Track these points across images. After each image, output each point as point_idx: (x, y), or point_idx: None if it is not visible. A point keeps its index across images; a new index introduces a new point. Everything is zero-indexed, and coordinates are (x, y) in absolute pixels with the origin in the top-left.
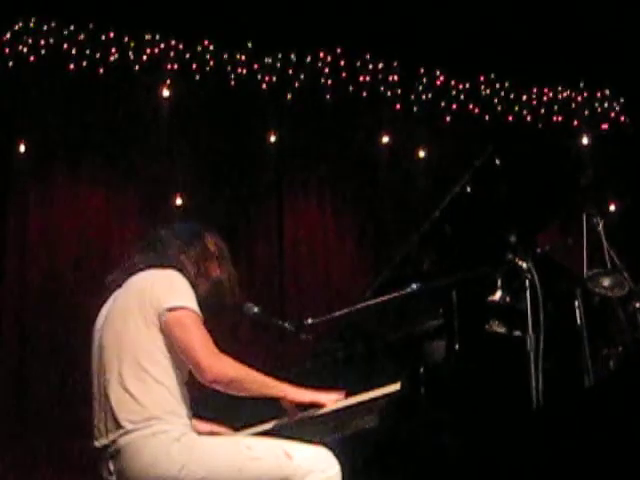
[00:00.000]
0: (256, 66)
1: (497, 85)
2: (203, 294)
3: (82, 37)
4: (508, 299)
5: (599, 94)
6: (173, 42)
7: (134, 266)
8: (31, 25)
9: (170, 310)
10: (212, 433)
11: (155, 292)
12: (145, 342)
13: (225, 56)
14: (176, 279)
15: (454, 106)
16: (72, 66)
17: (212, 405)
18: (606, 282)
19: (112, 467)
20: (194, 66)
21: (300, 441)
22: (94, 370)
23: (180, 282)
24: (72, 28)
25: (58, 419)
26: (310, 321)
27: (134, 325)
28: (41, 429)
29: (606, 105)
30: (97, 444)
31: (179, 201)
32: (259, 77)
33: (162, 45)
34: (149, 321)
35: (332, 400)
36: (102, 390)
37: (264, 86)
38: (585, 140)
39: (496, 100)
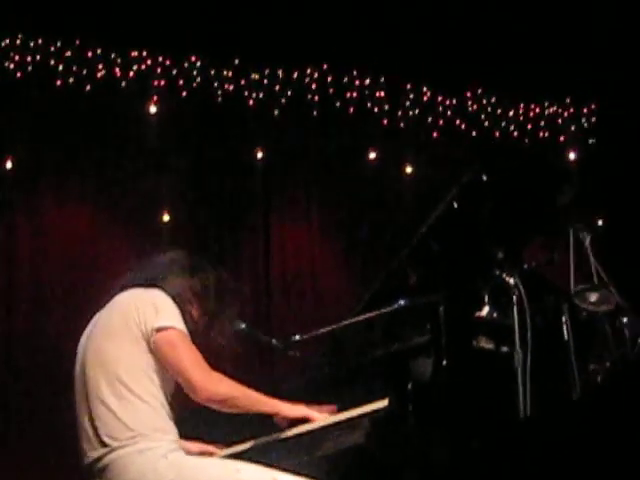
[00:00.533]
0: (243, 82)
1: (484, 101)
2: (197, 326)
3: (69, 53)
4: (495, 315)
5: (585, 109)
6: (160, 58)
7: (120, 285)
8: (18, 42)
9: (158, 330)
10: (202, 453)
11: (141, 312)
12: (128, 361)
13: (212, 72)
14: (159, 298)
15: (441, 122)
16: (59, 82)
17: (199, 422)
18: (593, 297)
19: None
20: (181, 82)
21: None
22: (77, 389)
23: (164, 302)
24: (59, 44)
25: (45, 438)
26: (297, 337)
27: (118, 344)
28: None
29: (593, 120)
30: (85, 461)
31: (166, 217)
32: (246, 93)
33: (149, 61)
34: (133, 341)
35: (324, 417)
36: (85, 408)
37: (251, 102)
38: (572, 155)
39: (483, 116)
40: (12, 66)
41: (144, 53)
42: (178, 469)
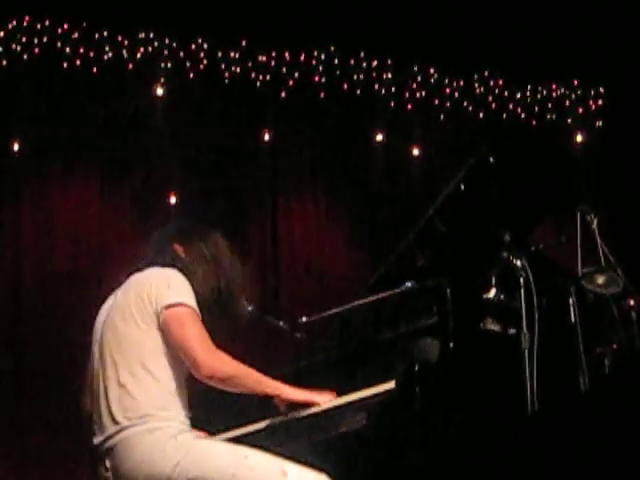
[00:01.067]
0: (250, 64)
1: (491, 83)
2: (204, 294)
3: (76, 36)
4: (502, 297)
5: (593, 92)
6: (167, 40)
7: (136, 265)
8: (24, 24)
9: (167, 307)
10: None
11: (153, 290)
12: (144, 340)
13: (219, 54)
14: (173, 277)
15: (448, 104)
16: (66, 65)
17: (203, 405)
18: (600, 280)
19: (108, 464)
20: (188, 64)
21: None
22: (94, 367)
23: (177, 279)
24: (66, 27)
25: (56, 418)
26: (304, 319)
27: (133, 323)
28: (39, 429)
29: (600, 103)
30: (95, 441)
31: (173, 199)
32: (253, 75)
33: (156, 43)
34: (148, 319)
35: (326, 400)
36: (101, 387)
37: (258, 84)
38: (579, 138)
39: (490, 98)
40: (19, 48)
41: (151, 35)
42: (186, 450)
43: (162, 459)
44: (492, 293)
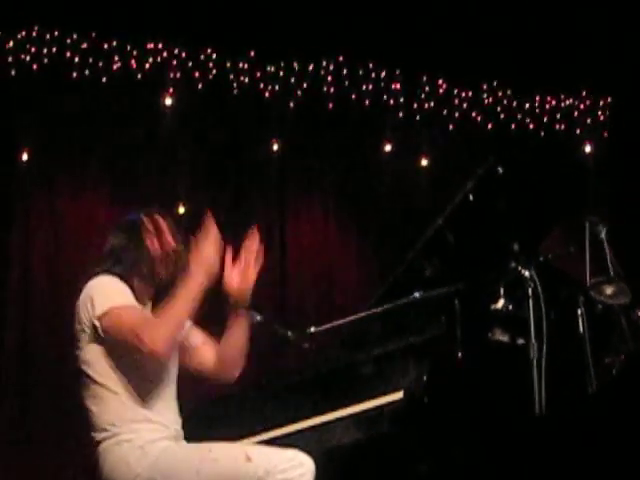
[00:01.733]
0: (259, 74)
1: (500, 93)
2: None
3: (85, 46)
4: (511, 307)
5: (602, 102)
6: (176, 51)
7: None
8: (34, 34)
9: (99, 319)
10: None
11: (83, 311)
12: (91, 356)
13: (228, 64)
14: (95, 287)
15: (457, 114)
16: (75, 74)
17: (201, 420)
18: (609, 290)
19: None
20: (197, 74)
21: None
22: None
23: (98, 287)
24: (75, 37)
25: (62, 422)
26: (313, 329)
27: (79, 350)
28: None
29: (608, 113)
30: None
31: (182, 210)
32: (262, 85)
33: (165, 54)
34: (91, 338)
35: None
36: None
37: (267, 94)
38: (588, 148)
39: (499, 108)
40: (28, 58)
41: (160, 45)
42: (152, 459)
43: (126, 471)
44: (500, 303)
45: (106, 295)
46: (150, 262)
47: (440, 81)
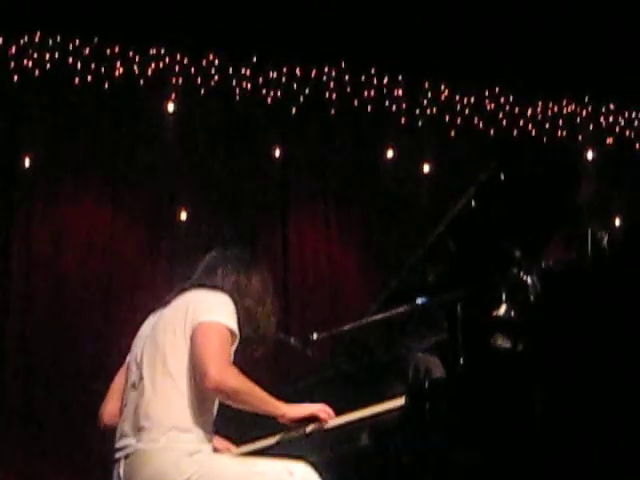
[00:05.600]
0: (261, 80)
1: (502, 99)
2: (243, 324)
3: (87, 51)
4: (513, 314)
5: (604, 108)
6: (178, 56)
7: (185, 286)
8: (36, 39)
9: (201, 323)
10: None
11: (198, 307)
12: (177, 354)
13: (230, 70)
14: (222, 300)
15: (459, 120)
16: (77, 80)
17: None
18: None
19: (122, 471)
20: (199, 80)
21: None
22: (131, 376)
23: (225, 303)
24: (77, 42)
25: (63, 425)
26: (315, 336)
27: (171, 338)
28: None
29: (611, 119)
30: (116, 445)
31: (184, 215)
32: (264, 91)
33: (167, 59)
34: (186, 334)
35: (325, 410)
36: (134, 396)
37: (269, 100)
38: (590, 155)
39: (501, 114)
40: (30, 64)
41: (162, 51)
42: (199, 467)
43: (175, 473)
44: (502, 310)
45: (227, 313)
46: (247, 312)
47: (442, 87)
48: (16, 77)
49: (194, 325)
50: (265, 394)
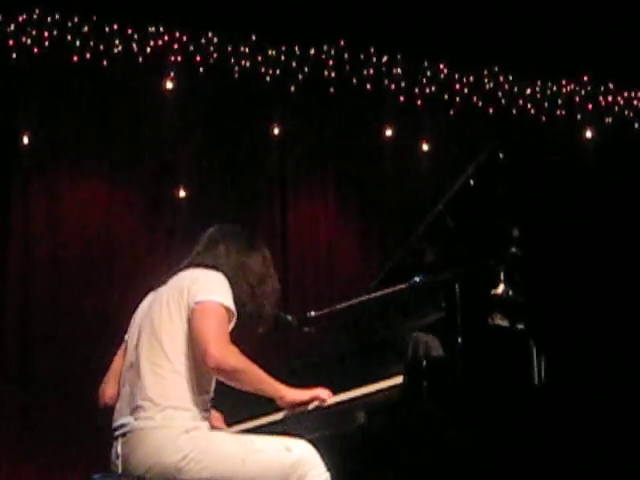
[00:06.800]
0: (260, 58)
1: (501, 78)
2: (245, 302)
3: (86, 29)
4: (511, 292)
5: (603, 88)
6: (177, 34)
7: (182, 265)
8: (35, 17)
9: (198, 302)
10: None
11: (194, 286)
12: (173, 334)
13: (229, 48)
14: (217, 279)
15: (458, 99)
16: (76, 58)
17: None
18: None
19: (120, 450)
20: (198, 58)
21: (298, 436)
22: (128, 357)
23: (220, 282)
24: (76, 20)
25: (62, 409)
26: (313, 314)
27: (167, 317)
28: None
29: (610, 99)
30: (114, 424)
31: (183, 193)
32: (263, 69)
33: (166, 37)
34: (182, 314)
35: (327, 396)
36: (128, 377)
37: (268, 79)
38: (588, 134)
39: (500, 93)
40: (29, 41)
41: (161, 29)
42: (196, 443)
43: (172, 450)
44: (501, 288)
45: (220, 291)
46: (249, 291)
47: (441, 66)
48: (15, 55)
49: (191, 305)
50: (265, 374)
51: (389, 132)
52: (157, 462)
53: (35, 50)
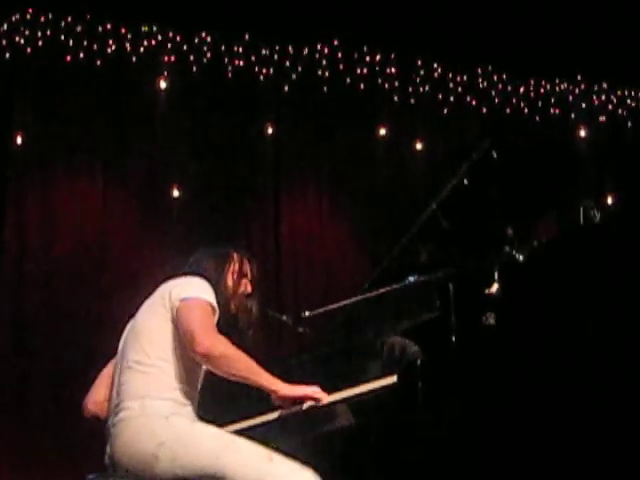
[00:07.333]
0: (253, 58)
1: (495, 77)
2: (226, 306)
3: (79, 29)
4: (505, 292)
5: (596, 87)
6: (170, 34)
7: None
8: (28, 16)
9: (182, 300)
10: None
11: (176, 289)
12: (157, 333)
13: (222, 48)
14: (199, 282)
15: (451, 98)
16: (69, 57)
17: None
18: None
19: (107, 448)
20: (191, 58)
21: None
22: (117, 362)
23: (202, 284)
24: (69, 20)
25: (55, 417)
26: (307, 314)
27: (152, 319)
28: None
29: (603, 98)
30: (106, 422)
31: (176, 193)
32: (256, 69)
33: (159, 37)
34: (163, 311)
35: (319, 394)
36: (117, 378)
37: (261, 78)
38: (582, 133)
39: (493, 92)
40: (22, 41)
41: (154, 28)
42: (175, 431)
43: (150, 437)
44: (495, 288)
45: (203, 289)
46: (224, 295)
47: (435, 65)
48: (8, 54)
49: (175, 305)
50: (255, 364)
51: (383, 131)
52: (136, 451)
53: (28, 50)
